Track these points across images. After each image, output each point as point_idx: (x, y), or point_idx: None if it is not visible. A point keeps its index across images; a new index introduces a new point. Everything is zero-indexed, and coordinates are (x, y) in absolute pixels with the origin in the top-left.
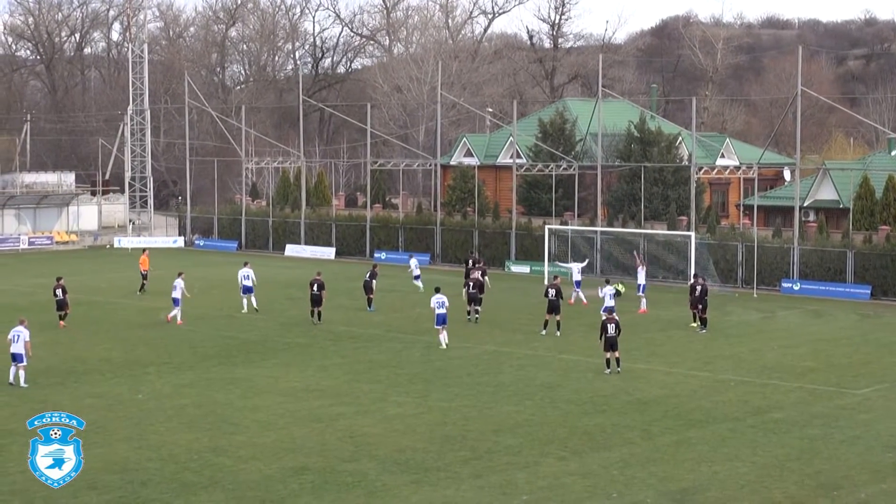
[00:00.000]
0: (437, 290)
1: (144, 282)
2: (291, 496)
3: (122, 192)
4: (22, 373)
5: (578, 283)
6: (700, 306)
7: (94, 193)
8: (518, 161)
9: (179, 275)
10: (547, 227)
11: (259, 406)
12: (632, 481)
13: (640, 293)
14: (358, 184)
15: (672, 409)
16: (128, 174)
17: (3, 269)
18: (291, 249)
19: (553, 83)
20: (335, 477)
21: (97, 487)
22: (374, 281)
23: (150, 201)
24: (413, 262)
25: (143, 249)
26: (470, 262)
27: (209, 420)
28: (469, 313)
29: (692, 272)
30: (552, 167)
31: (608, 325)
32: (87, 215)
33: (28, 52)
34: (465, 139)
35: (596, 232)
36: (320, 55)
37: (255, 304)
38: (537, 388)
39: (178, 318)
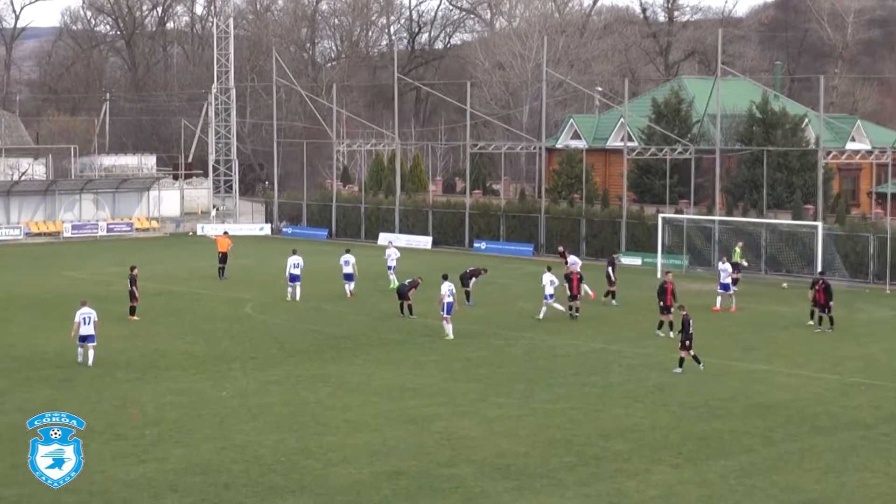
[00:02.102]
0: (446, 278)
1: (223, 266)
2: (384, 502)
3: (206, 176)
4: (91, 352)
5: (550, 296)
6: (824, 306)
7: (176, 177)
8: (629, 144)
9: (347, 251)
10: (660, 215)
11: (350, 405)
12: (752, 491)
13: (725, 291)
14: (456, 168)
15: (796, 414)
16: (212, 157)
17: (81, 256)
18: (385, 238)
19: (668, 60)
20: (431, 482)
21: (178, 489)
22: (475, 278)
23: (236, 186)
24: (392, 250)
25: (224, 231)
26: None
27: (297, 420)
28: (571, 308)
29: (818, 267)
30: (666, 151)
31: (690, 320)
32: (168, 201)
33: (108, 27)
34: (571, 120)
35: (713, 222)
36: (417, 30)
37: (297, 295)
38: (649, 389)
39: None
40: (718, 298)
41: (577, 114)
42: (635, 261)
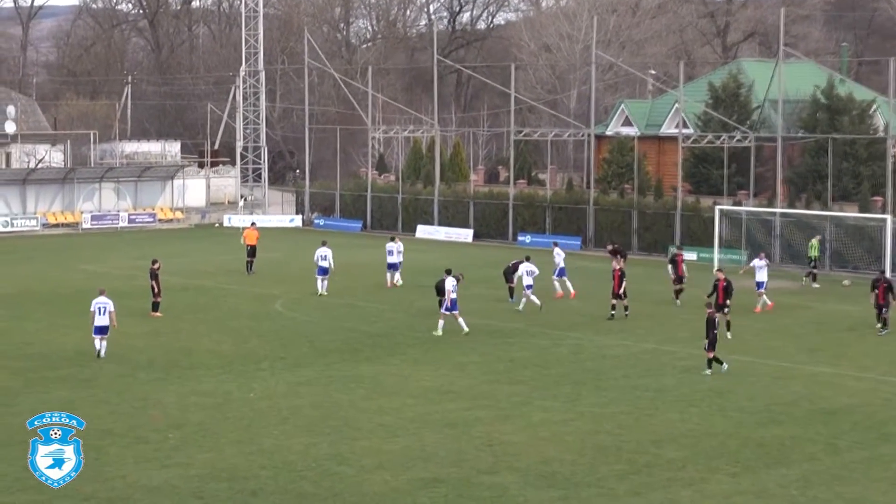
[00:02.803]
0: (449, 273)
1: (251, 259)
2: None
3: (233, 164)
4: (104, 343)
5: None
6: (883, 306)
7: (201, 165)
8: (685, 131)
9: (392, 239)
10: (717, 207)
11: (386, 408)
12: (814, 503)
13: (761, 290)
14: (499, 156)
15: (862, 420)
16: (239, 144)
17: (101, 248)
18: (423, 230)
19: (726, 41)
20: (471, 490)
21: (203, 496)
22: (517, 273)
23: (265, 175)
24: (396, 245)
25: (252, 223)
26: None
27: (329, 423)
28: (613, 307)
29: (887, 264)
30: (724, 139)
31: (715, 319)
32: (193, 190)
33: (130, 5)
34: (623, 106)
35: (774, 214)
36: (457, 9)
37: (324, 289)
38: (704, 393)
39: (391, 281)
40: (761, 299)
41: (629, 99)
42: (691, 256)
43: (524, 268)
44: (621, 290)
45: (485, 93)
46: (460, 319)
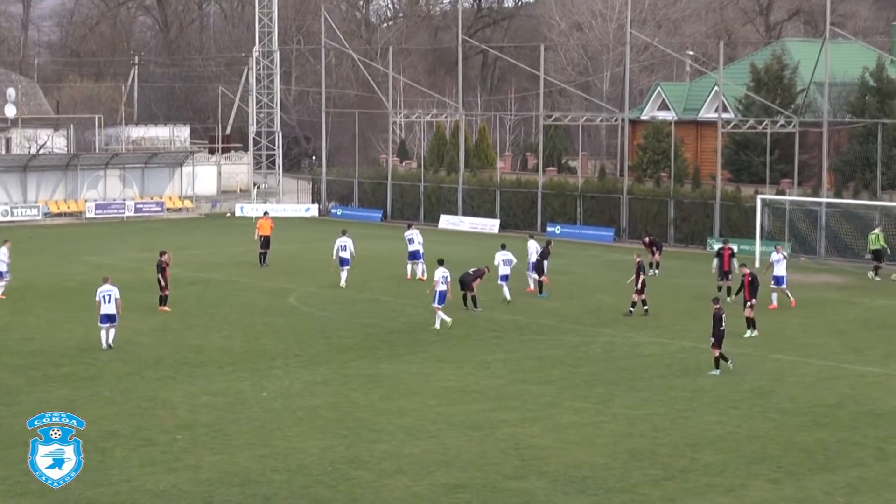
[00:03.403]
0: (441, 263)
1: (265, 251)
2: None
3: (246, 150)
4: (112, 331)
5: (505, 278)
6: None
7: (212, 151)
8: (725, 116)
9: (410, 226)
10: (759, 197)
11: (406, 409)
12: None
13: (778, 285)
14: (528, 142)
15: None
16: (252, 129)
17: (106, 239)
18: (447, 221)
19: (769, 20)
20: (497, 496)
21: (213, 502)
22: (545, 261)
23: (279, 161)
24: (413, 232)
25: (264, 212)
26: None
27: (346, 425)
28: (633, 304)
29: None
30: (766, 124)
31: (723, 316)
32: (203, 177)
33: None
34: (659, 89)
35: (820, 204)
36: None
37: (344, 281)
38: (744, 394)
39: (411, 274)
40: (774, 295)
41: (666, 81)
42: (732, 247)
43: (500, 256)
44: (638, 285)
45: (512, 75)
46: (440, 314)
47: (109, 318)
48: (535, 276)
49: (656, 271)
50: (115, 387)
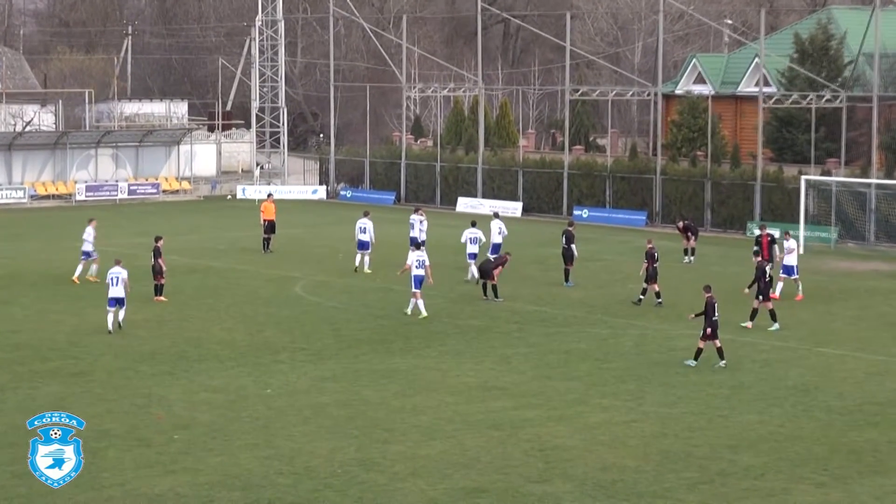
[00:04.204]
0: (418, 247)
1: (268, 237)
2: None
3: (248, 127)
4: (122, 313)
5: (473, 256)
6: None
7: (211, 129)
8: (766, 90)
9: (416, 210)
10: (803, 178)
11: (421, 407)
12: None
13: (788, 275)
14: (553, 119)
15: None
16: (255, 104)
17: (98, 223)
18: (465, 203)
19: None
20: (519, 501)
21: None
22: (572, 246)
23: (284, 139)
24: (417, 217)
25: (268, 194)
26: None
27: (357, 424)
28: (643, 292)
29: None
30: (811, 98)
31: (715, 305)
32: (202, 157)
33: None
34: (695, 60)
35: (869, 185)
36: None
37: (365, 265)
38: (788, 391)
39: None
40: (780, 284)
41: (702, 52)
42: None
43: (468, 234)
44: (643, 272)
45: (536, 46)
46: (415, 301)
47: (117, 301)
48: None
49: (692, 258)
50: (108, 383)
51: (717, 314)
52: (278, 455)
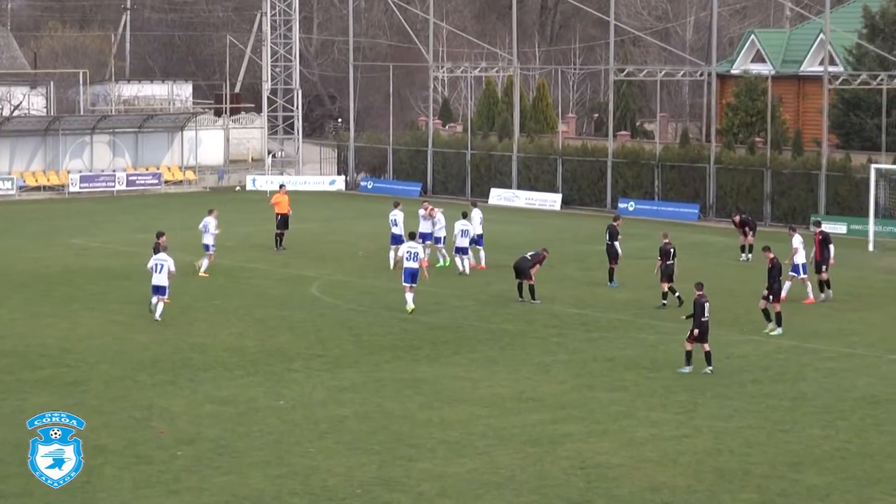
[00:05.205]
0: (412, 237)
1: (282, 232)
2: None
3: (259, 111)
4: (161, 305)
5: (463, 250)
6: None
7: (218, 113)
8: (832, 69)
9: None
10: (873, 166)
11: (450, 420)
12: None
13: (795, 274)
14: (595, 102)
15: None
16: (266, 86)
17: (93, 218)
18: (498, 195)
19: None
20: None
21: None
22: (616, 242)
23: (298, 125)
24: (432, 212)
25: (280, 185)
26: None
27: (379, 439)
28: (664, 294)
29: None
30: (882, 79)
31: (705, 304)
32: (208, 144)
33: None
34: (753, 37)
35: None
36: None
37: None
38: (855, 402)
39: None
40: (787, 285)
41: (761, 28)
42: (838, 228)
43: (459, 226)
44: (656, 272)
45: (577, 20)
46: (409, 294)
47: (158, 290)
48: (477, 251)
49: (749, 256)
50: (104, 394)
51: (706, 315)
52: (292, 473)
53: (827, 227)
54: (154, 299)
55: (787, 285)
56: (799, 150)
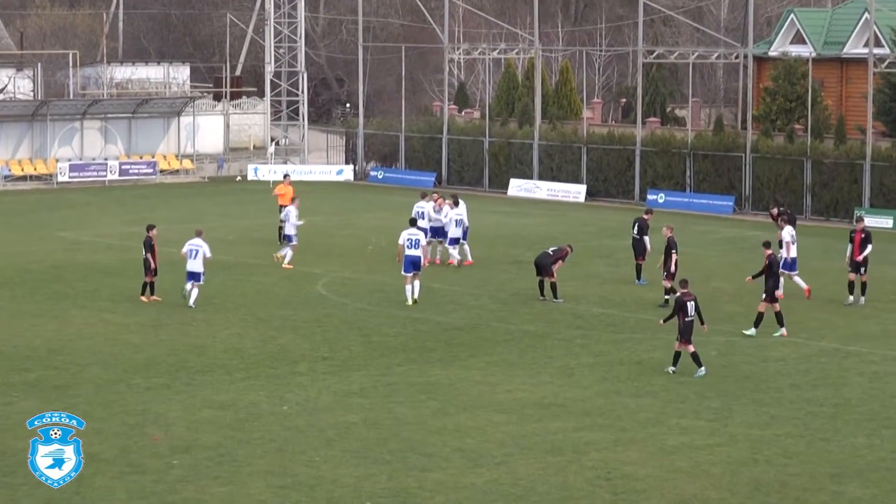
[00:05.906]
0: (413, 223)
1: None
2: None
3: (261, 95)
4: (195, 292)
5: (454, 241)
6: None
7: (218, 98)
8: (877, 51)
9: (423, 196)
10: None
11: (465, 428)
12: None
13: (788, 271)
14: (623, 86)
15: None
16: (269, 69)
17: (84, 209)
18: (518, 186)
19: None
20: None
21: None
22: (646, 237)
23: (304, 110)
24: (427, 205)
25: (284, 175)
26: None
27: (389, 447)
28: (666, 291)
29: None
30: None
31: (687, 303)
32: (207, 131)
33: None
34: (792, 16)
35: None
36: None
37: (438, 255)
38: None
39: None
40: (781, 281)
41: (801, 7)
42: (884, 221)
43: (452, 214)
44: (672, 267)
45: None
46: (410, 285)
47: (193, 276)
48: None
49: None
50: (95, 398)
51: (690, 314)
52: (296, 484)
53: (872, 220)
54: (189, 285)
55: (792, 278)
56: (842, 139)
